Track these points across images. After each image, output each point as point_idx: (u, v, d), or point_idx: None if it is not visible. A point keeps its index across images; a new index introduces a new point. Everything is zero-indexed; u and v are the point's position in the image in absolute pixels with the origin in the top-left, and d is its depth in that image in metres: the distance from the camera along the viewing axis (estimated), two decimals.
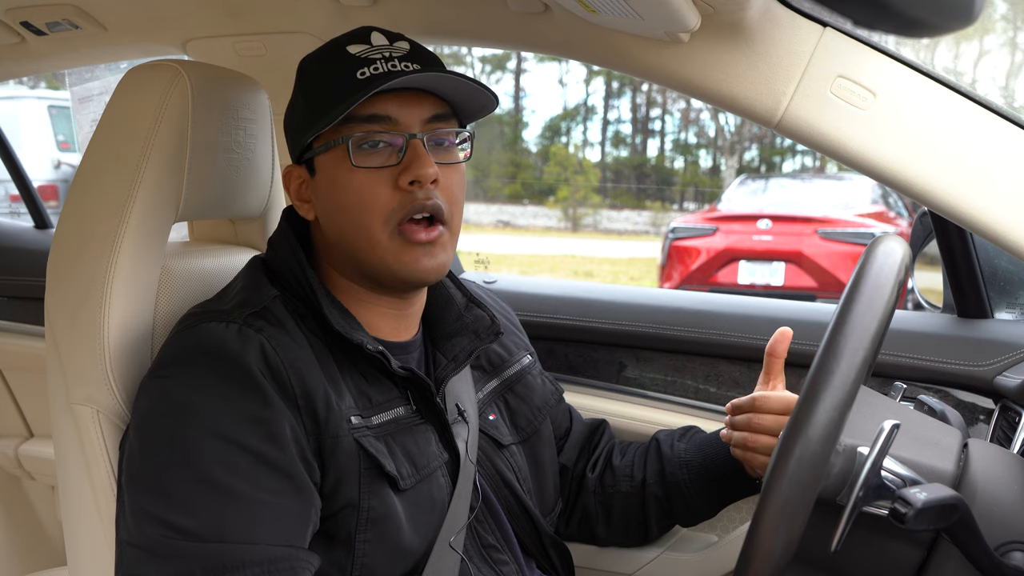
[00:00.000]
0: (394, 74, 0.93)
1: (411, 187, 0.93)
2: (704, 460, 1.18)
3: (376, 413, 0.94)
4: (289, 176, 1.02)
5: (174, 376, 0.88)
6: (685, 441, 1.22)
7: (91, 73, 2.44)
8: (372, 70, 0.93)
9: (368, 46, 0.95)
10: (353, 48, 0.95)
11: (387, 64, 0.94)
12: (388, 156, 0.94)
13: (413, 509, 0.94)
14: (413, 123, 0.94)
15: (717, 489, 1.18)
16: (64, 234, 1.01)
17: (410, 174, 0.92)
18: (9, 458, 2.01)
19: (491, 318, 1.09)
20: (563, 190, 18.99)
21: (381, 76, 0.93)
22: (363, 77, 0.93)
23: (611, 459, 1.26)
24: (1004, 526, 0.79)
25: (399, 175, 0.93)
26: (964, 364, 1.33)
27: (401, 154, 0.93)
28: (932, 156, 1.00)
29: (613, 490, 1.23)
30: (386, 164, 0.93)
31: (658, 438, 1.25)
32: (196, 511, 0.81)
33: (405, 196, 0.93)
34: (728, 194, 8.11)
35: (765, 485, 0.72)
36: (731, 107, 1.07)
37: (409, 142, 0.93)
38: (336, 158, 0.95)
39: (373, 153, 0.93)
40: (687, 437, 1.23)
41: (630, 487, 1.22)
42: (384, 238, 0.94)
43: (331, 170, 0.95)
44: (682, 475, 1.19)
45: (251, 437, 0.84)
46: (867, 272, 0.75)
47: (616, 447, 1.28)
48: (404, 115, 0.94)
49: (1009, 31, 15.89)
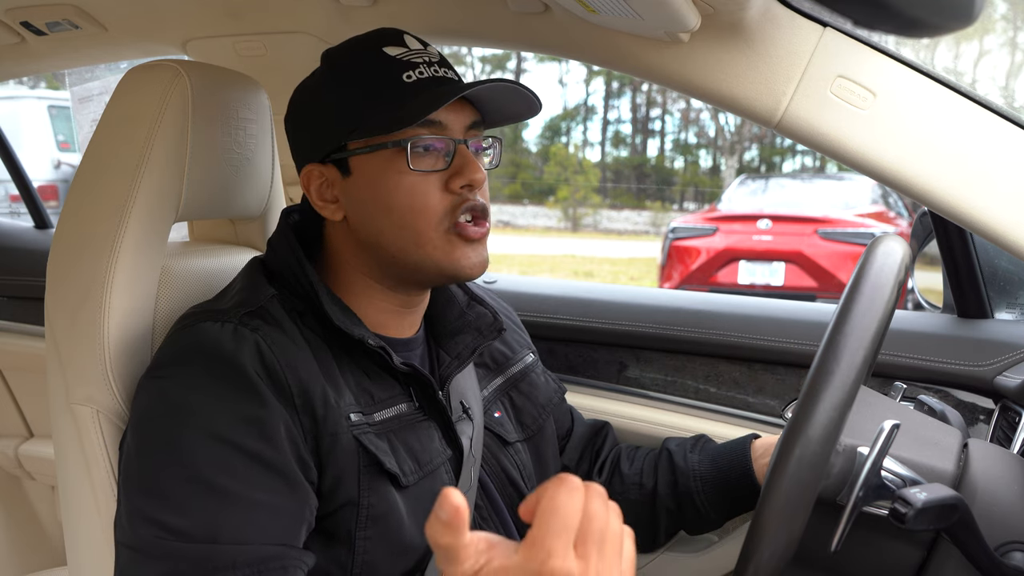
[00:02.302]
0: (439, 80, 0.95)
1: (462, 191, 0.94)
2: (718, 472, 1.17)
3: (378, 410, 0.95)
4: (310, 176, 0.99)
5: (170, 376, 0.88)
6: (698, 452, 1.21)
7: (91, 73, 2.44)
8: (418, 74, 0.94)
9: (405, 49, 0.96)
10: (391, 50, 0.96)
11: (429, 69, 0.95)
12: (437, 160, 0.95)
13: (416, 506, 0.95)
14: (458, 129, 0.96)
15: (731, 501, 1.17)
16: (64, 234, 1.01)
17: (463, 178, 0.94)
18: (9, 458, 2.01)
19: (493, 315, 1.09)
20: (563, 190, 18.99)
21: (429, 81, 0.94)
22: (410, 81, 0.94)
23: (619, 464, 1.25)
24: (1004, 526, 0.79)
25: (450, 178, 0.94)
26: (964, 364, 1.33)
27: (448, 159, 0.95)
28: (932, 156, 1.00)
29: (622, 497, 1.22)
30: (436, 168, 0.94)
31: (670, 449, 1.23)
32: (190, 511, 0.81)
33: (456, 199, 0.94)
34: (728, 194, 8.11)
35: (765, 485, 0.72)
36: (731, 107, 1.07)
37: (458, 147, 0.95)
38: (385, 160, 0.94)
39: (425, 157, 0.94)
40: (699, 448, 1.22)
41: (639, 495, 1.21)
42: (436, 237, 0.95)
43: (377, 171, 0.95)
44: (695, 487, 1.18)
45: (246, 437, 0.84)
46: (867, 272, 0.75)
47: (624, 453, 1.27)
48: (452, 121, 0.95)
49: (1009, 31, 15.89)
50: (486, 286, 1.70)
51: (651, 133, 24.22)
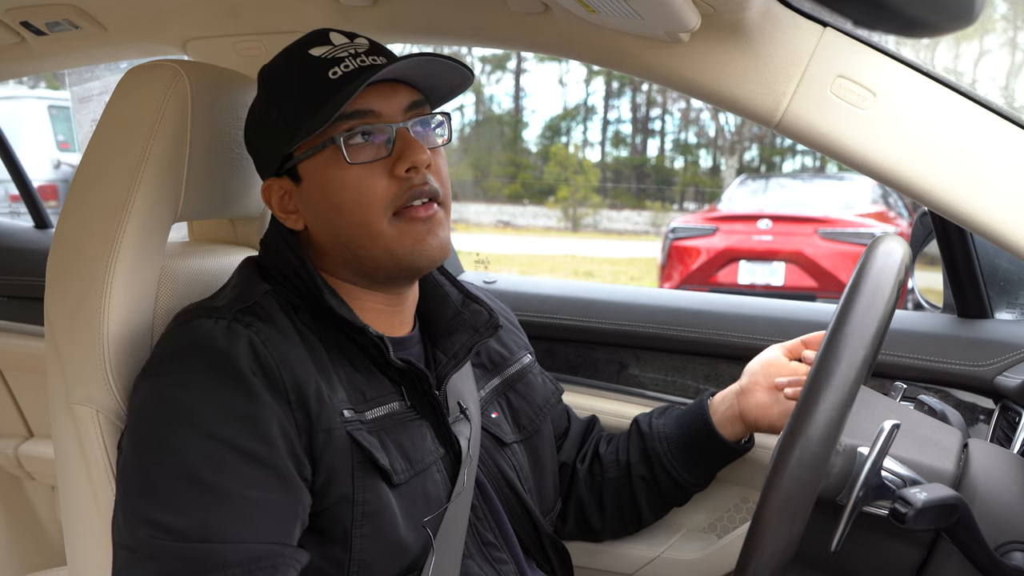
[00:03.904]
0: (366, 69, 0.93)
1: (407, 175, 0.94)
2: (681, 431, 1.21)
3: (369, 408, 0.94)
4: (270, 190, 1.01)
5: (164, 374, 0.88)
6: (663, 418, 1.25)
7: (91, 73, 2.44)
8: (343, 68, 0.94)
9: (330, 46, 0.96)
10: (316, 51, 0.96)
11: (355, 60, 0.94)
12: (378, 149, 0.94)
13: (407, 504, 0.94)
14: (395, 113, 0.96)
15: (697, 458, 1.20)
16: (64, 234, 1.01)
17: (406, 162, 0.93)
18: (9, 458, 2.01)
19: (489, 312, 1.08)
20: (563, 190, 18.99)
21: (354, 72, 0.93)
22: (335, 77, 0.93)
23: (598, 449, 1.28)
24: (1004, 526, 0.79)
25: (393, 165, 0.94)
26: (964, 364, 1.33)
27: (390, 145, 0.94)
28: (932, 156, 1.00)
29: (602, 478, 1.25)
30: (378, 157, 0.94)
31: (637, 419, 1.28)
32: (183, 510, 0.81)
33: (402, 184, 0.94)
34: (728, 194, 8.11)
35: (765, 485, 0.72)
36: (731, 107, 1.07)
37: (397, 131, 0.95)
38: (326, 160, 0.94)
39: (364, 148, 0.94)
40: (665, 414, 1.26)
41: (617, 472, 1.24)
42: (385, 226, 0.94)
43: (322, 172, 0.95)
44: (662, 448, 1.21)
45: (239, 434, 0.84)
46: (867, 272, 0.75)
47: (603, 438, 1.30)
48: (386, 107, 0.95)
49: (1009, 31, 15.89)
50: (485, 286, 1.70)
51: (651, 133, 24.22)
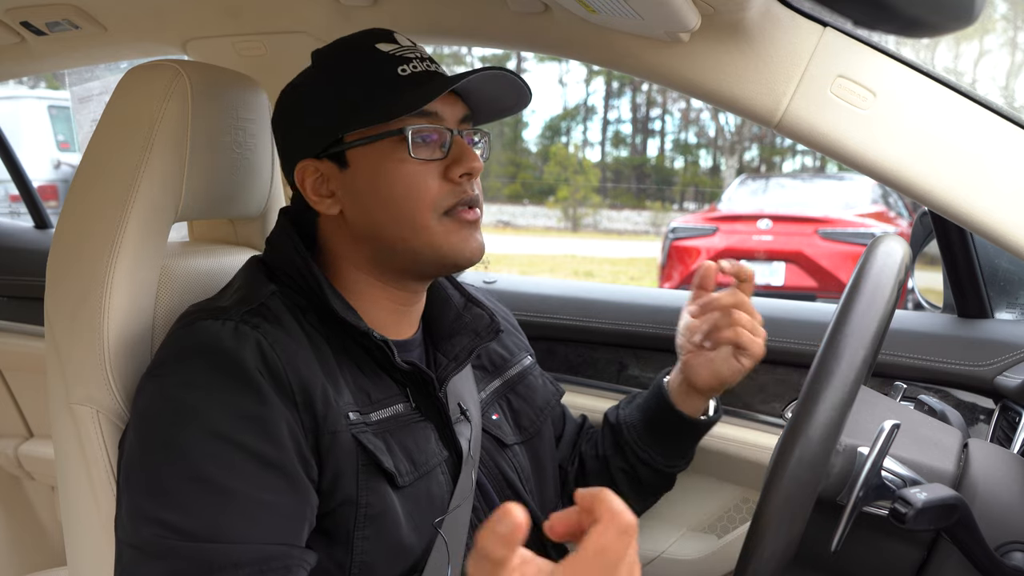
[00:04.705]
0: (433, 74, 0.97)
1: (460, 179, 0.97)
2: (645, 416, 1.21)
3: (375, 410, 0.94)
4: (304, 171, 1.00)
5: (171, 375, 0.88)
6: (628, 407, 1.25)
7: (91, 73, 2.44)
8: (412, 68, 0.97)
9: (397, 45, 0.98)
10: (383, 46, 0.98)
11: (422, 64, 0.98)
12: (434, 150, 0.97)
13: (412, 506, 0.94)
14: (452, 121, 0.99)
15: (665, 438, 1.20)
16: (64, 234, 1.01)
17: (461, 167, 0.96)
18: (9, 458, 2.01)
19: (490, 316, 1.09)
20: (563, 190, 18.99)
21: (423, 75, 0.96)
22: (405, 74, 0.96)
23: (581, 449, 1.29)
24: (1004, 526, 0.79)
25: (448, 167, 0.96)
26: (964, 364, 1.33)
27: (445, 149, 0.97)
28: (932, 156, 1.00)
29: (587, 477, 1.26)
30: (433, 157, 0.96)
31: (607, 413, 1.28)
32: (191, 510, 0.81)
33: (454, 187, 0.97)
34: (728, 194, 8.11)
35: (765, 485, 0.72)
36: (731, 107, 1.07)
37: (454, 137, 0.97)
38: (384, 150, 0.96)
39: (424, 146, 0.96)
40: (631, 403, 1.26)
41: (597, 467, 1.25)
42: (433, 223, 0.96)
43: (376, 162, 0.96)
44: (632, 436, 1.21)
45: (247, 435, 0.84)
46: (867, 272, 0.75)
47: (586, 437, 1.31)
48: (447, 113, 0.98)
49: (1009, 31, 15.89)
50: (485, 286, 1.70)
51: (651, 133, 24.23)
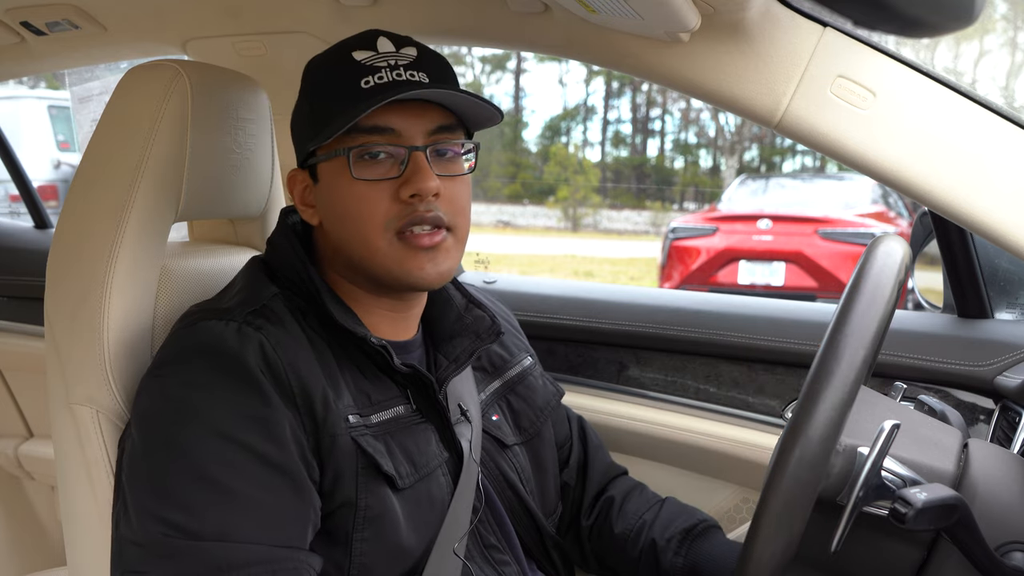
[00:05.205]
0: (399, 84, 0.92)
1: (411, 200, 0.92)
2: None
3: (375, 412, 0.94)
4: (294, 180, 1.02)
5: (174, 374, 0.88)
6: (682, 554, 1.14)
7: (91, 73, 2.44)
8: (376, 79, 0.92)
9: (374, 53, 0.95)
10: (359, 54, 0.95)
11: (392, 73, 0.93)
12: (389, 168, 0.93)
13: (412, 508, 0.94)
14: (416, 135, 0.94)
15: None
16: (64, 234, 1.01)
17: (411, 187, 0.92)
18: (9, 458, 2.01)
19: (491, 318, 1.09)
20: (563, 190, 18.98)
21: (386, 86, 0.92)
22: (367, 87, 0.92)
23: (610, 518, 1.20)
24: (1004, 526, 0.79)
25: (399, 187, 0.93)
26: (964, 364, 1.33)
27: (403, 166, 0.93)
28: (932, 156, 0.99)
29: (609, 554, 1.20)
30: (386, 176, 0.93)
31: (653, 537, 1.16)
32: (196, 510, 0.81)
33: (405, 207, 0.93)
34: (728, 194, 8.11)
35: (765, 485, 0.72)
36: (731, 107, 1.07)
37: (411, 155, 0.93)
38: (337, 168, 0.95)
39: (374, 164, 0.93)
40: (684, 548, 1.15)
41: (624, 555, 1.18)
42: (384, 245, 0.93)
43: (332, 179, 0.95)
44: None
45: (251, 436, 0.84)
46: (867, 272, 0.75)
47: (615, 507, 1.21)
48: (408, 127, 0.93)
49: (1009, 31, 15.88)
50: (485, 286, 1.70)
51: (651, 133, 24.22)
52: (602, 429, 1.41)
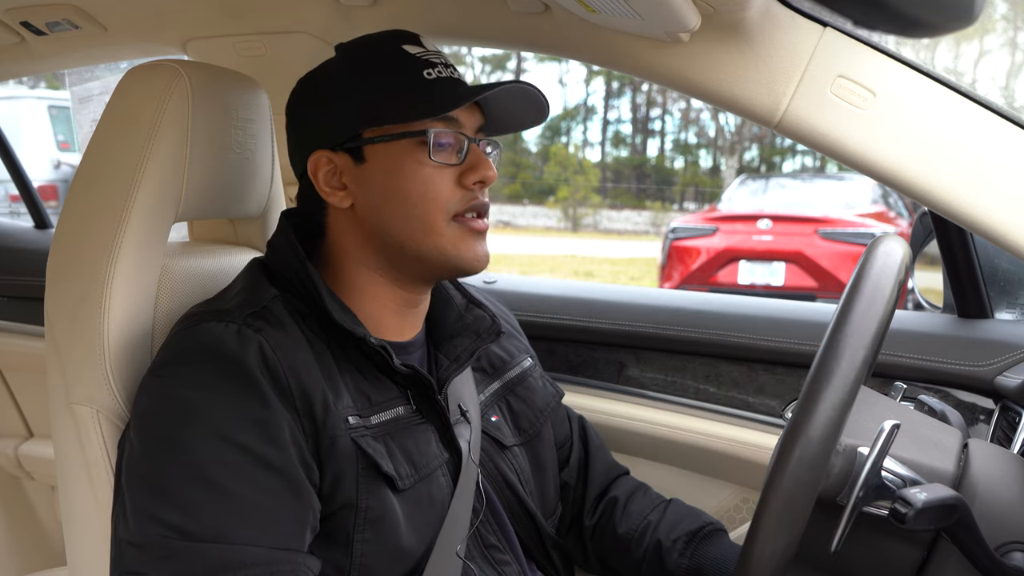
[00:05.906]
0: (457, 81, 0.98)
1: (474, 186, 0.98)
2: None
3: (375, 413, 0.94)
4: (318, 162, 1.00)
5: (174, 375, 0.88)
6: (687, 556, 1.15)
7: (91, 73, 2.44)
8: (437, 73, 0.98)
9: (423, 49, 1.00)
10: (409, 48, 0.99)
11: (447, 70, 0.99)
12: (450, 155, 0.98)
13: (413, 509, 0.94)
14: (470, 129, 1.00)
15: None
16: (64, 234, 1.01)
17: (477, 175, 0.97)
18: (9, 458, 2.01)
19: (491, 318, 1.09)
20: (563, 190, 18.99)
21: (446, 80, 0.98)
22: (430, 78, 0.97)
23: (613, 518, 1.21)
24: (1004, 526, 0.79)
25: (463, 174, 0.98)
26: (964, 364, 1.33)
27: (461, 155, 0.98)
28: (932, 156, 1.00)
29: (612, 555, 1.20)
30: (449, 162, 0.97)
31: (659, 538, 1.16)
32: (195, 511, 0.81)
33: (467, 193, 0.98)
34: (728, 194, 8.11)
35: (765, 485, 0.72)
36: (731, 107, 1.07)
37: (471, 145, 0.98)
38: (404, 149, 0.96)
39: (443, 150, 0.97)
40: (690, 550, 1.15)
41: (628, 556, 1.18)
42: (442, 226, 0.97)
43: (394, 160, 0.96)
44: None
45: (250, 438, 0.84)
46: (867, 272, 0.75)
47: (619, 507, 1.21)
48: (466, 120, 0.99)
49: (1009, 31, 15.88)
50: (486, 286, 1.70)
51: (651, 133, 24.23)
52: (602, 429, 1.41)
